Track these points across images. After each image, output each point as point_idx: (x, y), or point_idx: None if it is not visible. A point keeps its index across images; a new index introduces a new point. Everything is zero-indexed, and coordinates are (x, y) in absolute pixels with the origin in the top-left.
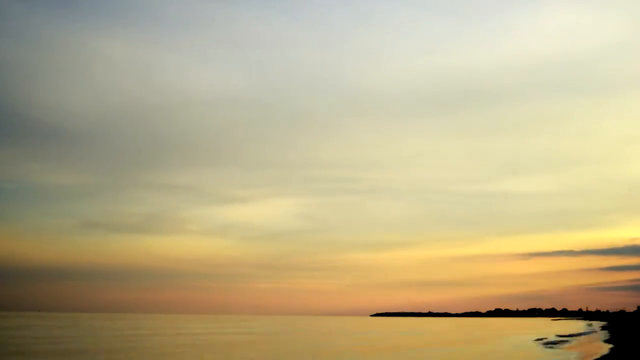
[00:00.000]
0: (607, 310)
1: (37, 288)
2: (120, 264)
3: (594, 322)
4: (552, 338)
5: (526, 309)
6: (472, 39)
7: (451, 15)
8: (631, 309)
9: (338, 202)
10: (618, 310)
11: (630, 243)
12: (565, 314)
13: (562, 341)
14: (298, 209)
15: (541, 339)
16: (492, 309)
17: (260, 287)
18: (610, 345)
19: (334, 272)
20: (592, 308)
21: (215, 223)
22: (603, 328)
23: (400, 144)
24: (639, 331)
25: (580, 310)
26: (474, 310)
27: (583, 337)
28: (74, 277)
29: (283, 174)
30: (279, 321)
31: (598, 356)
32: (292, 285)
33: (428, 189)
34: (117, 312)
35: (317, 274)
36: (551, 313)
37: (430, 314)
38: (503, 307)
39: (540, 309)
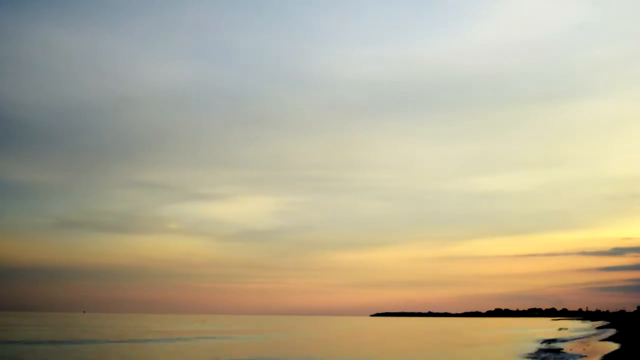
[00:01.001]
0: (607, 310)
1: (12, 287)
2: (97, 263)
3: (597, 323)
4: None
5: (526, 309)
6: (438, 26)
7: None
8: (630, 309)
9: (320, 201)
10: (618, 310)
11: (626, 244)
12: (565, 314)
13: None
14: (278, 208)
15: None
16: (492, 309)
17: (240, 287)
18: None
19: (317, 272)
20: (590, 308)
21: (193, 221)
22: (602, 328)
23: (379, 142)
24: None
25: (580, 310)
26: (473, 310)
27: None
28: (51, 277)
29: (262, 171)
30: (248, 320)
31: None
32: (275, 285)
33: (409, 188)
34: (96, 311)
35: (299, 274)
36: (551, 313)
37: (430, 314)
38: (503, 307)
39: (540, 309)
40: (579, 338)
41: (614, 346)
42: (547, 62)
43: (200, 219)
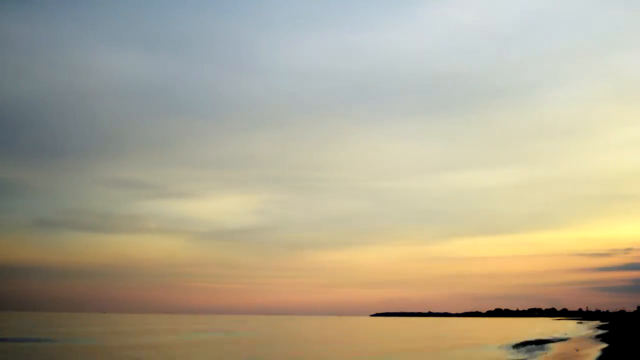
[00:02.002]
0: (607, 311)
1: None
2: (74, 262)
3: (594, 323)
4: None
5: (526, 309)
6: (403, 15)
7: None
8: (630, 309)
9: (296, 200)
10: (618, 310)
11: (622, 246)
12: (565, 314)
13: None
14: (256, 206)
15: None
16: (492, 309)
17: (222, 286)
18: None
19: (296, 271)
20: (589, 308)
21: (171, 220)
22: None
23: (349, 138)
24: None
25: (580, 310)
26: (473, 310)
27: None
28: (28, 275)
29: (239, 170)
30: (221, 320)
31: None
32: (253, 286)
33: (384, 185)
34: (73, 311)
35: (278, 273)
36: (551, 313)
37: (430, 314)
38: (503, 307)
39: (540, 309)
40: (561, 340)
41: (602, 346)
42: (515, 53)
43: (179, 217)
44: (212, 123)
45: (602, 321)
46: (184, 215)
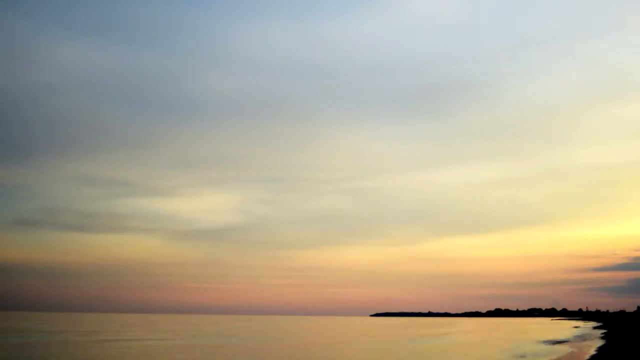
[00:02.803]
0: (607, 311)
1: None
2: (54, 262)
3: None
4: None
5: (526, 309)
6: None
7: None
8: (630, 309)
9: (279, 199)
10: (618, 310)
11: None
12: (565, 314)
13: None
14: (236, 205)
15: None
16: (492, 309)
17: (197, 286)
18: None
19: (278, 271)
20: (586, 308)
21: (149, 219)
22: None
23: (327, 135)
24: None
25: (580, 310)
26: (473, 310)
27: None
28: (8, 275)
29: (220, 168)
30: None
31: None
32: (233, 285)
33: (365, 184)
34: (53, 310)
35: (260, 273)
36: (551, 313)
37: (430, 314)
38: (503, 307)
39: (540, 309)
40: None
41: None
42: (486, 43)
43: (159, 216)
44: (185, 119)
45: (602, 321)
46: (165, 214)
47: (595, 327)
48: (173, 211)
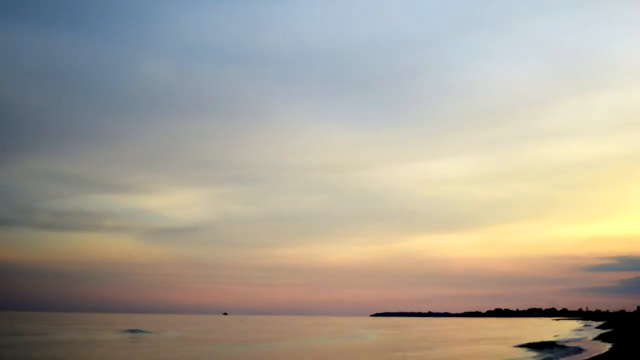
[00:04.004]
0: (607, 310)
1: None
2: (25, 261)
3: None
4: None
5: (526, 309)
6: None
7: None
8: (630, 309)
9: (249, 195)
10: (618, 310)
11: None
12: (565, 314)
13: None
14: (206, 202)
15: None
16: (492, 309)
17: (169, 284)
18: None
19: (250, 270)
20: (586, 308)
21: (119, 216)
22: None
23: (300, 125)
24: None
25: (580, 310)
26: (473, 310)
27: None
28: None
29: (186, 165)
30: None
31: None
32: (206, 285)
33: (341, 179)
34: (24, 310)
35: (233, 272)
36: (551, 313)
37: (430, 314)
38: (503, 307)
39: (540, 309)
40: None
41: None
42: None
43: (128, 213)
44: (142, 112)
45: (602, 321)
46: (135, 211)
47: (597, 327)
48: (141, 209)
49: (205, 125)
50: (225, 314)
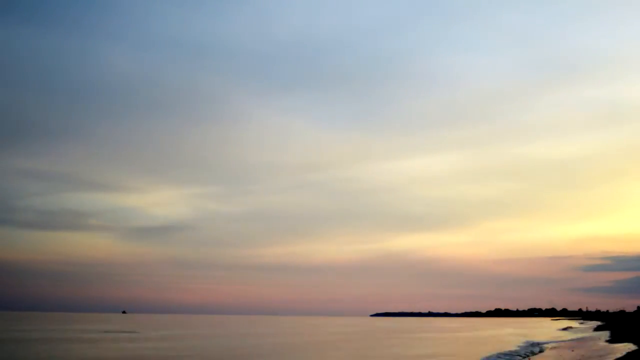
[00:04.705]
0: (607, 310)
1: None
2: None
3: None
4: None
5: (526, 309)
6: None
7: None
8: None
9: (232, 194)
10: (618, 310)
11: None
12: (565, 314)
13: None
14: (188, 201)
15: None
16: (492, 309)
17: (153, 284)
18: None
19: (248, 271)
20: (586, 308)
21: (100, 215)
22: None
23: (276, 123)
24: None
25: (580, 310)
26: (473, 310)
27: None
28: None
29: (165, 162)
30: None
31: None
32: (190, 285)
33: (322, 178)
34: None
35: (215, 273)
36: (551, 313)
37: (430, 314)
38: (503, 307)
39: (540, 309)
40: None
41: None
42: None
43: (113, 212)
44: (120, 108)
45: (602, 321)
46: (116, 209)
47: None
48: (123, 207)
49: (179, 123)
50: (124, 312)
